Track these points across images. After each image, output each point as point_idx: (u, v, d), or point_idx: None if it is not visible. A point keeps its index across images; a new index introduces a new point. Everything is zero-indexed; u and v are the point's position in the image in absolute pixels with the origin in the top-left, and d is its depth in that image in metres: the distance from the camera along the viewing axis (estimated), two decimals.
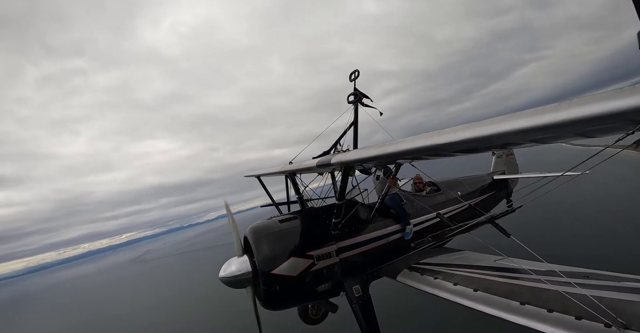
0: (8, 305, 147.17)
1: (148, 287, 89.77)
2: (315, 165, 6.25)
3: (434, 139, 3.56)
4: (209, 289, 46.95)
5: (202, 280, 18.85)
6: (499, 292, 4.43)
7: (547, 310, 3.78)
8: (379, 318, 6.10)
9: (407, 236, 6.82)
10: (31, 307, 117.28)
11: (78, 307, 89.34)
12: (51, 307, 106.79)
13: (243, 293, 5.96)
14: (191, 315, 49.30)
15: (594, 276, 4.19)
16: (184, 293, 62.11)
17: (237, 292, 6.00)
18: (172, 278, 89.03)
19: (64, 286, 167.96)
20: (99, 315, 69.76)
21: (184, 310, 52.98)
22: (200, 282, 35.21)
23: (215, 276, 5.87)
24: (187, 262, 36.75)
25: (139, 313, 60.51)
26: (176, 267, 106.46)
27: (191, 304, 54.09)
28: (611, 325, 3.23)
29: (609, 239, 31.55)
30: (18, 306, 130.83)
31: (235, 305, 6.81)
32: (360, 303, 6.02)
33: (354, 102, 8.33)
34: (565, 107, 2.33)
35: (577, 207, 43.12)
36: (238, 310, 6.62)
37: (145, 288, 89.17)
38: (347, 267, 6.12)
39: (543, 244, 30.92)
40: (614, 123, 2.27)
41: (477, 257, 5.97)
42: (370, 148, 4.91)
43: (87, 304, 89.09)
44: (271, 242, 5.81)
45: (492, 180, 10.60)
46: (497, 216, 5.20)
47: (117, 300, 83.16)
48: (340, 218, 6.11)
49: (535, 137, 2.88)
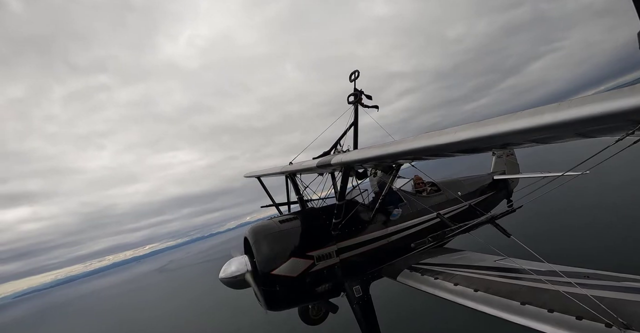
0: (40, 314, 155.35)
1: (173, 294, 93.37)
2: (316, 166, 6.25)
3: (434, 139, 3.56)
4: (230, 293, 50.20)
5: (222, 286, 19.96)
6: (499, 292, 4.43)
7: (547, 310, 3.78)
8: (380, 319, 6.10)
9: (393, 217, 6.91)
10: (61, 316, 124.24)
11: (106, 314, 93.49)
12: (80, 315, 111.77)
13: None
14: (214, 316, 53.61)
15: (594, 276, 4.18)
16: (207, 297, 65.98)
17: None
18: (196, 285, 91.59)
19: (92, 296, 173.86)
20: (125, 321, 74.20)
21: (208, 312, 57.41)
22: (221, 288, 37.44)
23: None
24: (209, 269, 37.56)
25: (165, 317, 64.69)
26: (199, 275, 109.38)
27: (213, 307, 58.89)
28: (612, 325, 3.23)
29: (610, 239, 31.51)
30: (49, 315, 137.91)
31: (255, 307, 6.93)
32: (361, 304, 6.02)
33: (353, 103, 8.36)
34: (565, 107, 2.33)
35: (578, 207, 43.07)
36: (258, 311, 6.70)
37: (170, 295, 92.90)
38: (347, 268, 6.12)
39: (543, 244, 30.94)
40: (614, 123, 2.27)
41: (477, 257, 5.97)
42: (371, 148, 4.92)
43: (114, 311, 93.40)
44: (271, 242, 5.82)
45: (493, 180, 10.60)
46: (498, 216, 5.19)
47: (143, 306, 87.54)
48: (341, 219, 6.11)
49: (536, 137, 2.88)
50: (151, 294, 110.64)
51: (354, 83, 8.30)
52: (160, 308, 76.54)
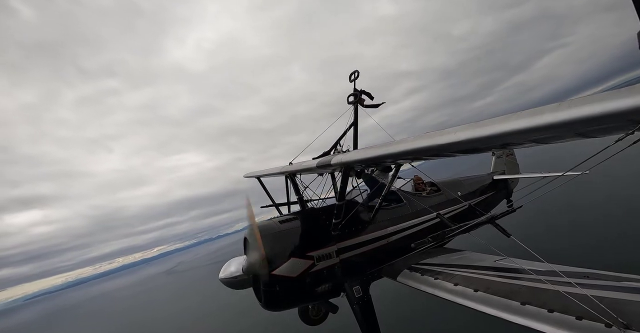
0: (51, 317, 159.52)
1: (180, 295, 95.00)
2: (316, 166, 6.25)
3: (434, 139, 3.56)
4: (236, 294, 52.68)
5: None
6: (499, 292, 4.42)
7: (547, 310, 3.77)
8: (380, 319, 6.10)
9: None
10: (72, 318, 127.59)
11: (116, 316, 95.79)
12: (91, 317, 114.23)
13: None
14: (219, 317, 55.38)
15: (594, 276, 4.18)
16: (214, 299, 67.07)
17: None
18: (204, 287, 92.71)
19: (102, 298, 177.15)
20: (134, 322, 76.53)
21: (214, 314, 59.24)
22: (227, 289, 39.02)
23: None
24: (217, 271, 38.95)
25: (172, 319, 66.42)
26: (207, 277, 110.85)
27: (220, 308, 60.20)
28: (612, 325, 3.22)
29: (609, 239, 31.54)
30: (60, 317, 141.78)
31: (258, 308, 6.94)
32: (361, 304, 6.02)
33: (353, 103, 8.38)
34: (565, 107, 2.34)
35: (577, 207, 43.12)
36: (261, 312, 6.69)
37: (178, 296, 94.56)
38: (347, 268, 6.11)
39: (543, 244, 30.95)
40: (614, 123, 2.27)
41: (477, 257, 5.96)
42: (370, 148, 4.92)
43: (124, 313, 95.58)
44: (271, 242, 5.81)
45: (492, 180, 10.60)
46: (498, 216, 5.19)
47: (151, 307, 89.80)
48: (341, 219, 6.11)
49: (535, 137, 2.88)
50: (159, 296, 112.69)
51: (353, 83, 8.32)
52: (168, 309, 78.02)
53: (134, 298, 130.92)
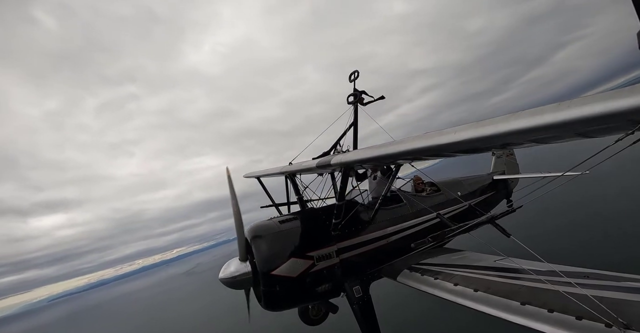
0: (74, 317, 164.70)
1: (197, 296, 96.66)
2: (315, 166, 6.25)
3: (434, 139, 3.57)
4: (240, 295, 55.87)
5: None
6: (499, 292, 4.42)
7: (547, 310, 3.77)
8: (380, 319, 6.09)
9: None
10: (94, 318, 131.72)
11: (136, 316, 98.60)
12: (112, 318, 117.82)
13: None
14: (230, 318, 55.89)
15: (594, 276, 4.18)
16: (226, 300, 68.27)
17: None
18: (219, 288, 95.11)
19: (123, 299, 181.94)
20: (155, 319, 79.74)
21: (227, 314, 60.06)
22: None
23: None
24: None
25: (190, 318, 69.29)
26: None
27: (231, 309, 60.66)
28: (612, 325, 3.22)
29: (609, 239, 31.54)
30: (83, 318, 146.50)
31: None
32: (361, 304, 6.01)
33: (353, 103, 8.38)
34: (565, 107, 2.34)
35: (577, 207, 43.12)
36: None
37: (195, 297, 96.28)
38: (347, 268, 6.11)
39: (543, 244, 30.94)
40: (614, 123, 2.28)
41: (477, 257, 5.96)
42: (370, 148, 4.92)
43: (144, 313, 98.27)
44: (271, 242, 5.80)
45: (492, 180, 10.60)
46: (497, 216, 5.18)
47: (170, 308, 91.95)
48: (340, 219, 6.11)
49: (535, 137, 2.88)
50: (178, 296, 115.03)
51: (353, 83, 8.32)
52: (185, 309, 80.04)
53: (154, 298, 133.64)
